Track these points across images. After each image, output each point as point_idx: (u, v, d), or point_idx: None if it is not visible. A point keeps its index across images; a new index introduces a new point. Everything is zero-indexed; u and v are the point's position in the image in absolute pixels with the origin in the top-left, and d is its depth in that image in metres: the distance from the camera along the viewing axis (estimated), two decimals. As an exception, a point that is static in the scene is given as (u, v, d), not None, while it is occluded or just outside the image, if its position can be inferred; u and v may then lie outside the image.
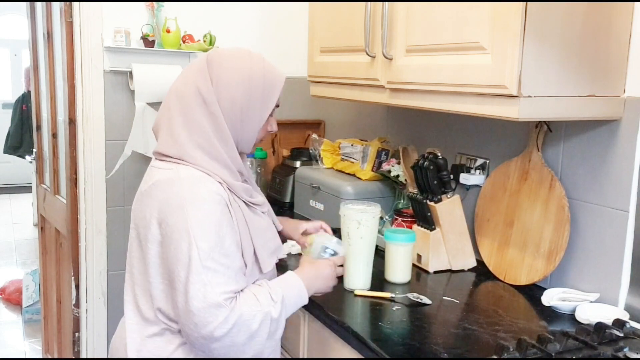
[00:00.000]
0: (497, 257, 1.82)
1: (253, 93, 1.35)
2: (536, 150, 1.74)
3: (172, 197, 1.28)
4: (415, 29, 1.65)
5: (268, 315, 1.26)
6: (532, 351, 1.23)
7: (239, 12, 2.59)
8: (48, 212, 3.04)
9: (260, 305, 1.26)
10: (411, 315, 1.53)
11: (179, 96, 1.36)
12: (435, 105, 1.61)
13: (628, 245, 1.52)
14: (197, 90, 1.33)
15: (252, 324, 1.24)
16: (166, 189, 1.30)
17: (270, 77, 1.38)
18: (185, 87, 1.36)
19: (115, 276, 2.51)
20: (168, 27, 2.39)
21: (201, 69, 1.36)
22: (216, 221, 1.26)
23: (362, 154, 2.33)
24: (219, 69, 1.34)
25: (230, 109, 1.34)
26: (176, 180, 1.30)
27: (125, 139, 2.40)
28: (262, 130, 1.42)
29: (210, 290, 1.21)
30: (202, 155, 1.32)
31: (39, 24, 2.95)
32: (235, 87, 1.33)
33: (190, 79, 1.36)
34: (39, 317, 3.48)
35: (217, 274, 1.23)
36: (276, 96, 1.39)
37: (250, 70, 1.35)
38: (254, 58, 1.38)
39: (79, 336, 2.57)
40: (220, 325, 1.21)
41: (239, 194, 1.36)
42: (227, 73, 1.34)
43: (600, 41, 1.44)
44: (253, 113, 1.36)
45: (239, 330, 1.23)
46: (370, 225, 1.63)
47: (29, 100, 4.16)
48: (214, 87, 1.33)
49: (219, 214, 1.27)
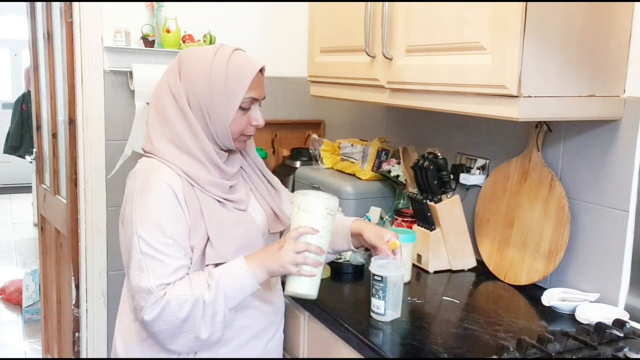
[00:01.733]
0: (497, 257, 1.82)
1: (215, 86, 1.34)
2: (536, 150, 1.74)
3: (129, 189, 1.37)
4: (415, 29, 1.65)
5: (200, 299, 1.28)
6: (532, 351, 1.23)
7: (239, 12, 2.59)
8: (48, 212, 3.04)
9: (192, 291, 1.28)
10: (411, 315, 1.53)
11: (156, 94, 1.42)
12: (435, 105, 1.61)
13: (628, 245, 1.52)
14: (169, 87, 1.38)
15: (182, 308, 1.27)
16: (128, 182, 1.39)
17: (234, 69, 1.34)
18: (160, 85, 1.42)
19: (115, 276, 2.51)
20: (168, 27, 2.39)
21: (173, 67, 1.41)
22: (157, 211, 1.31)
23: (362, 154, 2.33)
24: (186, 65, 1.38)
25: (195, 103, 1.36)
26: (138, 172, 1.37)
27: (125, 139, 2.40)
28: (238, 123, 1.38)
29: (145, 277, 1.27)
30: (173, 149, 1.37)
31: (39, 24, 2.95)
32: (196, 81, 1.35)
33: (164, 77, 1.41)
34: (39, 317, 3.48)
35: (155, 261, 1.29)
36: (243, 89, 1.35)
37: (212, 63, 1.35)
38: (220, 52, 1.37)
39: (79, 336, 2.57)
40: (148, 309, 1.26)
41: (204, 187, 1.37)
42: (191, 68, 1.36)
43: (600, 41, 1.44)
44: (218, 106, 1.35)
45: (169, 315, 1.27)
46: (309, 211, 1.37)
47: (29, 100, 4.16)
48: (181, 83, 1.37)
49: (162, 204, 1.31)
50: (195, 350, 1.37)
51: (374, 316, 1.47)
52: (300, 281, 1.34)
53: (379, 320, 1.46)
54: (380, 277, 1.44)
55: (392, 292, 1.44)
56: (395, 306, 1.47)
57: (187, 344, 1.31)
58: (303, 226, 1.34)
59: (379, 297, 1.45)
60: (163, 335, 1.30)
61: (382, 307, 1.45)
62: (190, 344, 1.31)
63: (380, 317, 1.46)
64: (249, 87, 1.35)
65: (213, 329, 1.30)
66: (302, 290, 1.34)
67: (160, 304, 1.26)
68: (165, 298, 1.26)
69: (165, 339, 1.30)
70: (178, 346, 1.32)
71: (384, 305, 1.45)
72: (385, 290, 1.44)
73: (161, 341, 1.32)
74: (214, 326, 1.30)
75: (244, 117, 1.39)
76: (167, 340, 1.31)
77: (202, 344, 1.32)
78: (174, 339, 1.30)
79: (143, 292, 1.27)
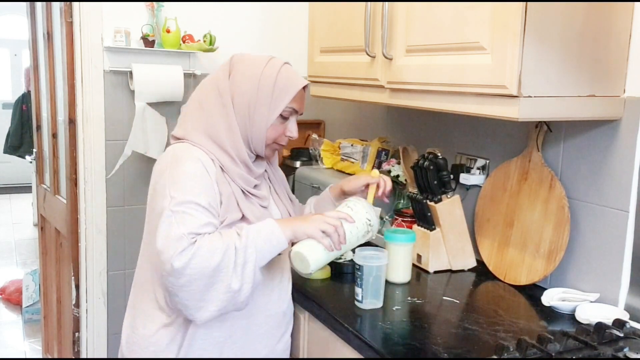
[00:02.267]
0: (497, 257, 1.82)
1: (261, 91, 1.42)
2: (536, 150, 1.74)
3: (159, 165, 1.41)
4: (415, 29, 1.65)
5: (231, 246, 1.28)
6: (532, 351, 1.23)
7: (239, 12, 2.59)
8: (48, 212, 3.04)
9: (223, 240, 1.28)
10: (411, 315, 1.53)
11: (201, 87, 1.49)
12: (435, 105, 1.61)
13: (628, 245, 1.52)
14: (216, 83, 1.46)
15: (213, 255, 1.26)
16: (157, 165, 1.43)
17: (283, 80, 1.44)
18: (207, 80, 1.50)
19: (115, 276, 2.51)
20: (168, 27, 2.39)
21: (224, 66, 1.48)
22: (190, 177, 1.34)
23: (362, 154, 2.34)
24: (238, 67, 1.46)
25: (239, 103, 1.42)
26: (169, 152, 1.43)
27: (125, 139, 2.40)
28: (274, 131, 1.46)
29: (175, 227, 1.27)
30: (206, 139, 1.42)
31: (39, 24, 2.95)
32: (246, 82, 1.42)
33: (214, 74, 1.50)
34: (39, 317, 3.48)
35: (186, 215, 1.29)
36: (287, 99, 1.43)
37: (263, 70, 1.43)
38: (272, 61, 1.46)
39: (79, 336, 2.57)
40: (179, 256, 1.24)
41: (233, 178, 1.42)
42: (242, 69, 1.44)
43: (600, 41, 1.44)
44: (260, 111, 1.42)
45: (200, 262, 1.24)
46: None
47: (29, 100, 4.16)
48: (229, 82, 1.44)
49: (195, 172, 1.35)
50: (227, 311, 1.32)
51: (356, 304, 1.56)
52: (310, 247, 1.35)
53: (359, 307, 1.55)
54: (359, 266, 1.53)
55: (369, 281, 1.53)
56: (375, 295, 1.54)
57: (220, 298, 1.27)
58: (344, 212, 1.40)
59: (359, 285, 1.54)
60: (194, 289, 1.25)
61: (360, 294, 1.54)
62: (223, 297, 1.27)
63: (359, 304, 1.55)
64: (293, 98, 1.44)
65: (243, 279, 1.28)
66: (306, 253, 1.34)
67: (191, 250, 1.24)
68: (196, 245, 1.26)
69: (197, 295, 1.26)
70: (211, 304, 1.28)
71: (362, 292, 1.54)
72: (362, 278, 1.53)
73: (193, 300, 1.26)
74: (244, 276, 1.28)
75: (281, 125, 1.47)
76: (199, 296, 1.26)
77: (233, 299, 1.28)
78: (206, 292, 1.26)
79: (173, 240, 1.25)
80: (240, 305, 1.32)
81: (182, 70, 2.43)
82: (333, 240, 1.35)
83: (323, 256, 1.36)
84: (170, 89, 2.41)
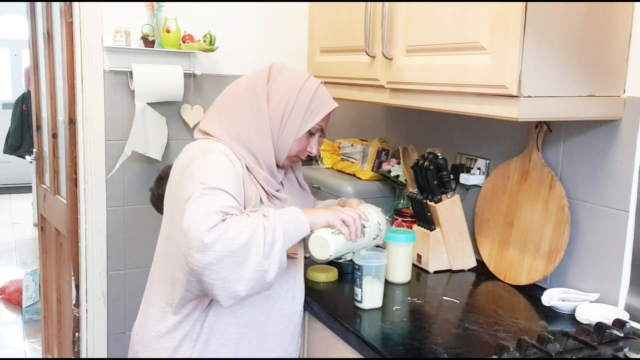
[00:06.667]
0: (497, 257, 1.82)
1: (299, 103, 1.47)
2: (536, 150, 1.74)
3: (186, 155, 1.42)
4: (415, 29, 1.65)
5: (260, 225, 1.28)
6: (532, 351, 1.23)
7: (239, 12, 2.59)
8: (48, 212, 3.04)
9: (251, 220, 1.29)
10: (411, 315, 1.53)
11: (237, 86, 1.52)
12: (435, 105, 1.61)
13: (628, 245, 1.52)
14: (254, 85, 1.48)
15: (242, 232, 1.25)
16: (185, 152, 1.44)
17: (320, 98, 1.50)
18: (245, 80, 1.52)
19: (115, 276, 2.51)
20: (168, 27, 2.39)
21: (264, 70, 1.52)
22: (217, 166, 1.36)
23: (362, 154, 2.34)
24: (278, 74, 1.50)
25: (275, 109, 1.46)
26: (195, 145, 1.45)
27: (125, 139, 2.40)
28: (299, 144, 1.50)
29: (204, 206, 1.27)
30: (235, 139, 1.45)
31: (39, 24, 2.95)
32: (286, 91, 1.47)
33: (251, 76, 1.52)
34: (39, 317, 3.48)
35: (215, 197, 1.29)
36: (320, 116, 1.49)
37: (303, 84, 1.49)
38: (312, 79, 1.52)
39: (79, 336, 2.57)
40: (208, 231, 1.22)
41: (258, 179, 1.45)
42: (284, 79, 1.49)
43: (600, 41, 1.44)
44: (293, 122, 1.47)
45: (229, 238, 1.23)
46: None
47: (29, 100, 4.16)
48: (268, 86, 1.47)
49: (221, 163, 1.37)
50: (254, 292, 1.29)
51: (355, 303, 1.56)
52: (330, 234, 1.39)
53: (359, 307, 1.55)
54: (358, 266, 1.54)
55: (368, 281, 1.53)
56: (373, 295, 1.55)
57: (248, 277, 1.25)
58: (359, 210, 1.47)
59: (358, 285, 1.55)
60: (222, 268, 1.23)
61: (359, 294, 1.54)
62: (251, 277, 1.25)
63: (359, 304, 1.55)
64: (324, 117, 1.51)
65: (271, 259, 1.28)
66: (328, 237, 1.38)
67: (221, 227, 1.24)
68: (226, 222, 1.25)
69: (225, 273, 1.24)
70: (239, 283, 1.25)
71: (361, 292, 1.54)
72: (361, 278, 1.53)
73: (220, 280, 1.24)
74: (272, 255, 1.28)
75: (305, 140, 1.52)
76: (227, 275, 1.24)
77: (262, 278, 1.27)
78: (234, 271, 1.24)
79: (203, 217, 1.24)
80: (267, 286, 1.30)
81: (182, 70, 2.43)
82: (351, 230, 1.40)
83: (342, 243, 1.41)
84: (170, 89, 2.41)
